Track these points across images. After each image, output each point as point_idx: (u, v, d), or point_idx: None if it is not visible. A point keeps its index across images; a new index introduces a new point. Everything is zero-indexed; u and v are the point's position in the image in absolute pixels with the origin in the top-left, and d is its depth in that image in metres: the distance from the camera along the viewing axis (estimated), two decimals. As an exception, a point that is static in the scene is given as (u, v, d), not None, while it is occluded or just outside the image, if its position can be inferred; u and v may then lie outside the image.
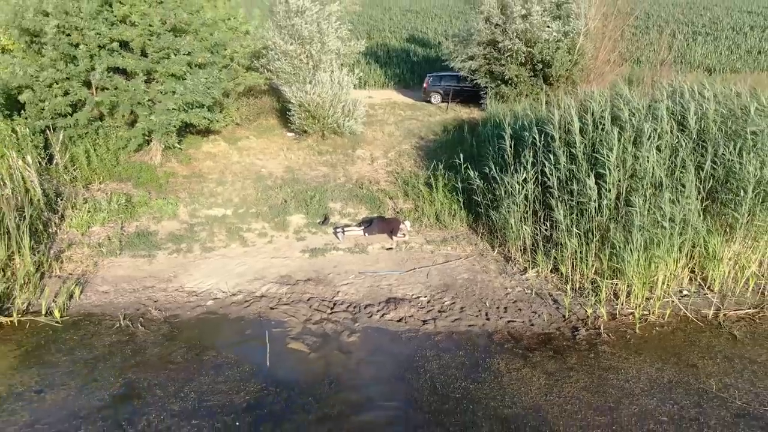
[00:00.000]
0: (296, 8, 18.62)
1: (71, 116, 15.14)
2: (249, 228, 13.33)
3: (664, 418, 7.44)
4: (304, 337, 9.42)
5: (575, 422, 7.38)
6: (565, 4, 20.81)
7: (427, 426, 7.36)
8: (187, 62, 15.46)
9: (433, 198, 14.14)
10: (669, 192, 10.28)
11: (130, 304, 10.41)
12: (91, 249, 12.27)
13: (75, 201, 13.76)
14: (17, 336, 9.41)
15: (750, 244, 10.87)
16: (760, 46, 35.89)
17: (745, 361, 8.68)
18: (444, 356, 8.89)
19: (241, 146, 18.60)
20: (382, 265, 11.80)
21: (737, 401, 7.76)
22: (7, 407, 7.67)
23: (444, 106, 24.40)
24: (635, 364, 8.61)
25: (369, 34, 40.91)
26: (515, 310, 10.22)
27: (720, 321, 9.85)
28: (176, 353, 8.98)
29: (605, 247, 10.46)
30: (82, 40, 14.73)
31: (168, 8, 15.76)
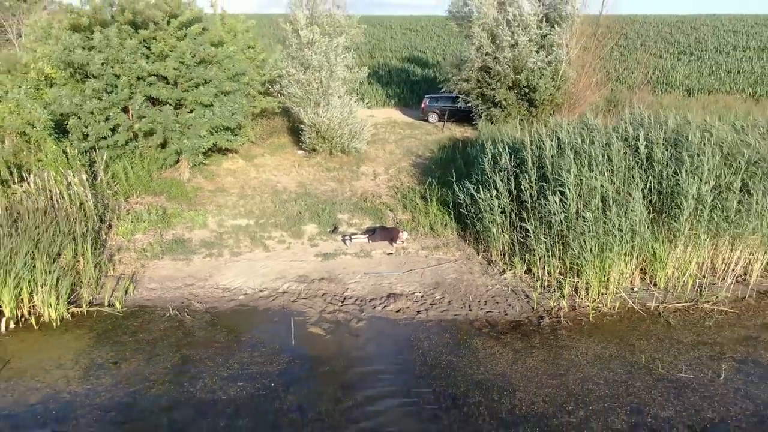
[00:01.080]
0: (307, 41, 21.09)
1: (111, 138, 17.55)
2: (269, 236, 15.68)
3: (600, 381, 9.73)
4: (320, 323, 11.74)
5: (532, 384, 9.67)
6: (549, 35, 23.26)
7: (419, 387, 9.64)
8: (214, 92, 17.95)
9: (427, 210, 16.51)
10: (621, 206, 12.64)
11: (175, 298, 12.75)
12: (137, 253, 14.63)
13: (119, 212, 16.17)
14: (88, 323, 11.74)
15: (690, 250, 13.19)
16: (740, 66, 38.23)
17: (672, 342, 10.98)
18: (433, 338, 11.20)
19: (258, 163, 21.04)
20: (384, 267, 14.14)
21: (660, 369, 10.05)
22: (93, 374, 9.97)
23: (440, 125, 26.87)
24: (585, 344, 10.91)
25: (371, 53, 43.48)
26: (493, 303, 12.54)
27: (660, 312, 12.16)
28: (218, 336, 11.30)
29: (567, 251, 12.80)
30: (123, 72, 17.17)
31: (197, 43, 18.26)
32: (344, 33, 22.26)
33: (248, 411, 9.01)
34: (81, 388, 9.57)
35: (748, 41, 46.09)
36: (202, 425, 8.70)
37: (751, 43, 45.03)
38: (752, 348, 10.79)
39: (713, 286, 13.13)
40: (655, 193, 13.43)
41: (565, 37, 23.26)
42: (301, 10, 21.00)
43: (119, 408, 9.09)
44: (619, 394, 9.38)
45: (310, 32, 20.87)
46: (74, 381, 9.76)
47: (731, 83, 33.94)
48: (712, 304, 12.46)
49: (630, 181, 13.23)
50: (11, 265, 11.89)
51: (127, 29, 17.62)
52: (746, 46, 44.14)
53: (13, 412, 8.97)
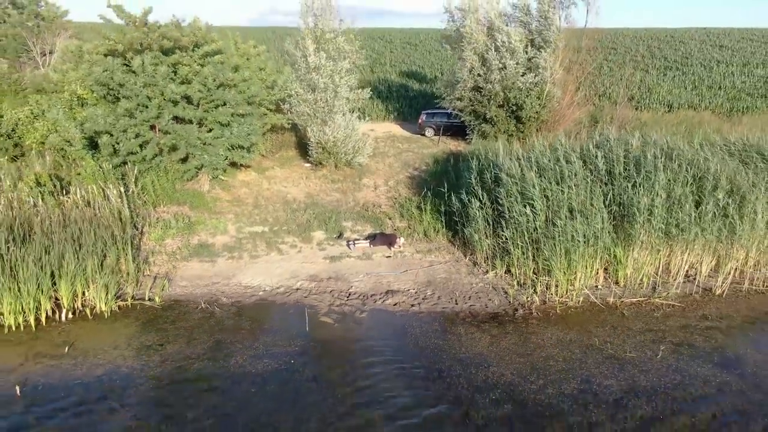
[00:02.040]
0: (314, 65, 23.48)
1: (140, 153, 19.90)
2: (283, 241, 18.00)
3: (559, 359, 12.01)
4: (330, 314, 14.04)
5: (504, 361, 11.95)
6: (534, 58, 25.65)
7: (411, 362, 11.92)
8: (231, 113, 20.36)
9: (422, 218, 18.84)
10: (585, 216, 14.97)
11: (205, 294, 15.06)
12: (168, 256, 16.95)
13: (149, 220, 18.51)
14: (133, 314, 14.05)
15: (646, 252, 15.50)
16: (722, 81, 40.57)
17: (624, 329, 13.28)
18: (424, 326, 13.50)
19: (269, 175, 23.40)
20: (383, 268, 16.45)
21: (609, 350, 12.34)
22: (144, 353, 12.26)
23: (436, 139, 29.26)
24: (550, 331, 13.21)
25: (372, 68, 45.89)
26: (476, 298, 14.84)
27: (617, 306, 14.46)
28: (244, 324, 13.60)
29: (540, 254, 15.10)
30: (154, 94, 19.55)
31: (218, 69, 20.68)
32: (347, 58, 24.65)
33: (273, 381, 11.30)
34: (136, 363, 11.87)
35: (732, 56, 48.56)
36: (237, 391, 10.98)
37: (735, 59, 47.48)
38: (689, 334, 13.08)
39: (666, 284, 15.43)
40: (615, 204, 15.76)
41: (550, 60, 25.64)
42: (310, 38, 23.33)
43: (169, 378, 11.38)
44: (573, 369, 11.67)
45: (317, 58, 23.27)
46: (129, 358, 12.06)
47: (711, 99, 36.23)
48: (662, 299, 14.76)
49: (593, 194, 15.56)
50: (66, 265, 14.20)
51: (158, 56, 20.04)
52: (730, 62, 46.56)
53: (84, 381, 11.26)
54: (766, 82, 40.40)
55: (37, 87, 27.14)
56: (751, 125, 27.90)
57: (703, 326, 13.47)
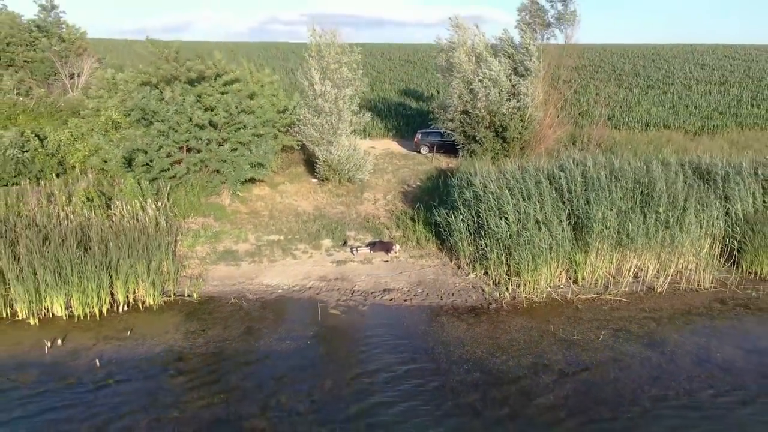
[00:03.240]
0: (320, 92, 26.93)
1: (171, 170, 23.28)
2: (296, 248, 21.36)
3: (521, 341, 15.32)
4: (337, 307, 17.38)
5: (477, 343, 15.25)
6: (517, 85, 29.12)
7: (403, 345, 15.21)
8: (252, 134, 23.83)
9: (415, 228, 22.19)
10: (549, 227, 18.32)
11: (233, 291, 18.39)
12: (199, 260, 20.31)
13: (180, 230, 21.87)
14: (177, 307, 17.38)
15: (600, 257, 18.83)
16: (698, 100, 44.02)
17: (576, 319, 16.60)
18: (414, 317, 16.83)
19: (281, 190, 26.80)
20: (381, 271, 19.80)
21: (561, 335, 15.66)
22: (190, 336, 15.58)
23: (430, 156, 32.70)
24: (516, 320, 16.54)
25: (372, 86, 49.37)
26: (458, 295, 18.17)
27: (573, 301, 17.79)
28: (268, 315, 16.93)
29: (511, 259, 18.44)
30: (183, 119, 22.97)
31: (238, 96, 24.18)
32: (350, 85, 28.11)
33: (294, 357, 14.63)
34: (185, 344, 15.20)
35: (711, 75, 52.14)
36: (266, 363, 14.30)
37: (714, 77, 51.04)
38: (628, 323, 16.41)
39: (617, 283, 18.76)
40: (575, 217, 19.13)
41: (531, 87, 29.10)
42: (316, 69, 26.79)
43: (213, 354, 14.70)
44: (530, 348, 14.99)
45: (322, 86, 26.74)
46: (179, 340, 15.39)
47: (685, 118, 39.63)
48: (612, 296, 18.10)
49: (556, 209, 18.94)
50: (121, 267, 17.56)
51: (186, 87, 23.54)
52: (709, 80, 50.13)
53: (147, 356, 14.58)
54: (739, 101, 43.90)
55: (73, 110, 30.70)
56: (712, 145, 31.33)
57: (640, 317, 16.79)
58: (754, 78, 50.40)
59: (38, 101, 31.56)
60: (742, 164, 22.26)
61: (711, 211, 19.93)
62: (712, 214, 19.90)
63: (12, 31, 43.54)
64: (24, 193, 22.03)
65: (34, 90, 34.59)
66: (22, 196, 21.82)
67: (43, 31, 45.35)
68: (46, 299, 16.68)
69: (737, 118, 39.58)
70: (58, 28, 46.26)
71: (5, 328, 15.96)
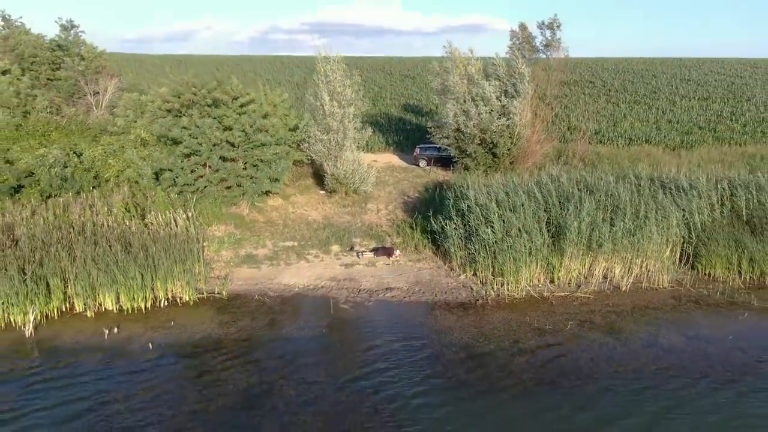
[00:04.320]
0: (329, 112, 30.22)
1: (194, 185, 26.52)
2: (308, 252, 24.54)
3: (501, 329, 18.48)
4: (346, 303, 20.55)
5: (464, 331, 18.40)
6: (507, 105, 32.41)
7: (402, 333, 18.36)
8: (271, 152, 27.08)
9: (413, 236, 25.38)
10: (529, 234, 21.51)
11: (256, 290, 21.56)
12: (224, 263, 23.49)
13: (206, 236, 25.05)
14: (209, 303, 20.55)
15: (574, 260, 22.00)
16: (681, 116, 47.35)
17: (550, 312, 19.75)
18: (411, 311, 20.00)
19: (292, 201, 30.03)
20: (384, 272, 22.97)
21: (536, 325, 18.81)
22: (223, 325, 18.74)
23: (428, 169, 35.96)
24: (498, 314, 19.69)
25: (374, 101, 52.75)
26: (450, 293, 21.34)
27: (549, 298, 20.95)
28: (288, 309, 20.10)
29: (496, 262, 21.61)
30: (204, 141, 26.21)
31: (253, 117, 27.47)
32: (353, 104, 31.40)
33: (312, 342, 17.79)
34: (221, 332, 18.36)
35: (696, 90, 55.53)
36: (289, 347, 17.44)
37: (698, 93, 54.43)
38: (593, 315, 19.57)
39: (588, 282, 21.93)
40: (553, 226, 22.33)
41: (519, 107, 32.38)
42: (325, 91, 30.09)
43: (245, 340, 17.85)
44: (509, 335, 18.14)
45: (331, 106, 30.05)
46: (215, 329, 18.54)
47: (666, 133, 42.91)
48: (583, 293, 21.27)
49: (537, 218, 22.14)
50: (160, 268, 20.71)
51: (206, 110, 26.83)
52: (693, 96, 53.50)
53: (190, 341, 17.72)
54: (719, 116, 47.24)
55: (100, 127, 33.96)
56: (687, 160, 34.62)
57: (604, 311, 19.96)
58: (735, 94, 53.80)
59: (69, 119, 34.81)
60: (699, 179, 25.47)
61: (671, 220, 23.13)
62: (671, 223, 23.09)
63: (36, 51, 47.00)
64: (68, 205, 25.22)
65: (63, 108, 37.80)
66: (67, 207, 25.01)
67: (63, 49, 48.82)
68: (99, 295, 19.84)
69: (715, 132, 42.83)
70: (77, 47, 49.72)
71: (67, 320, 19.13)
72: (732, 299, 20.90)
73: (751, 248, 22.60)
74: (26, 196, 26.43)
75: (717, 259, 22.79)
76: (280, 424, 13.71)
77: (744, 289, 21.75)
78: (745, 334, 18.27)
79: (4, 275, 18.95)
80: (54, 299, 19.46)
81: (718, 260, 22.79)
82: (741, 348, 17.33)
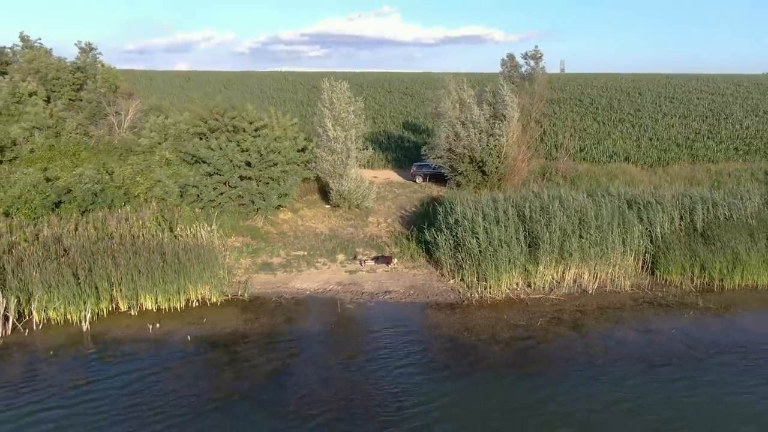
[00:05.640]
0: (333, 136, 34.11)
1: (216, 200, 30.38)
2: (317, 261, 28.34)
3: (481, 324, 22.24)
4: (351, 303, 24.32)
5: (450, 326, 22.16)
6: (495, 127, 36.32)
7: (398, 327, 22.10)
8: (281, 170, 30.99)
9: (409, 246, 29.18)
10: (509, 245, 25.30)
11: (273, 293, 25.33)
12: (244, 270, 27.28)
13: (227, 247, 28.84)
14: (233, 303, 24.32)
15: (548, 267, 25.77)
16: (662, 133, 51.16)
17: (524, 311, 23.51)
18: (407, 310, 23.76)
19: (301, 214, 33.87)
20: (383, 278, 26.74)
21: (512, 321, 22.57)
22: (248, 321, 22.49)
23: (424, 185, 39.84)
24: (480, 312, 23.45)
25: (374, 119, 56.66)
26: (440, 295, 25.11)
27: (524, 299, 24.71)
28: (301, 308, 23.87)
29: (480, 268, 25.38)
30: (226, 161, 30.11)
31: (267, 140, 31.39)
32: (355, 128, 35.28)
33: (322, 335, 21.54)
34: (246, 327, 22.11)
35: (678, 108, 59.48)
36: (304, 338, 21.19)
37: (679, 111, 58.38)
38: (561, 314, 23.31)
39: (559, 286, 25.70)
40: (530, 237, 26.13)
41: (506, 129, 36.27)
42: (329, 118, 33.99)
43: (267, 333, 21.58)
44: (487, 329, 21.89)
45: (335, 131, 33.94)
46: (241, 324, 22.28)
47: (647, 149, 46.74)
48: (554, 295, 25.03)
49: (516, 230, 25.95)
50: (190, 273, 24.48)
51: (228, 135, 30.76)
52: (674, 114, 57.44)
53: (221, 333, 21.46)
54: (697, 134, 51.10)
55: (125, 147, 37.86)
56: (660, 177, 38.50)
57: (571, 310, 23.72)
58: (714, 111, 57.78)
59: (97, 140, 38.73)
60: (664, 195, 29.31)
61: (634, 232, 26.94)
62: (634, 234, 26.90)
63: (59, 74, 51.04)
64: (105, 219, 29.02)
65: (90, 129, 41.67)
66: (104, 221, 28.80)
67: (82, 71, 52.89)
68: (140, 297, 23.59)
69: (691, 150, 46.66)
70: (95, 69, 53.79)
71: (114, 318, 22.89)
72: (682, 300, 24.69)
73: (702, 256, 26.38)
74: (65, 210, 30.21)
75: (673, 265, 26.56)
76: (300, 396, 17.43)
77: (694, 292, 25.53)
78: (686, 328, 22.04)
79: (62, 279, 22.73)
80: (103, 300, 23.23)
81: (674, 267, 26.55)
82: (680, 340, 21.09)
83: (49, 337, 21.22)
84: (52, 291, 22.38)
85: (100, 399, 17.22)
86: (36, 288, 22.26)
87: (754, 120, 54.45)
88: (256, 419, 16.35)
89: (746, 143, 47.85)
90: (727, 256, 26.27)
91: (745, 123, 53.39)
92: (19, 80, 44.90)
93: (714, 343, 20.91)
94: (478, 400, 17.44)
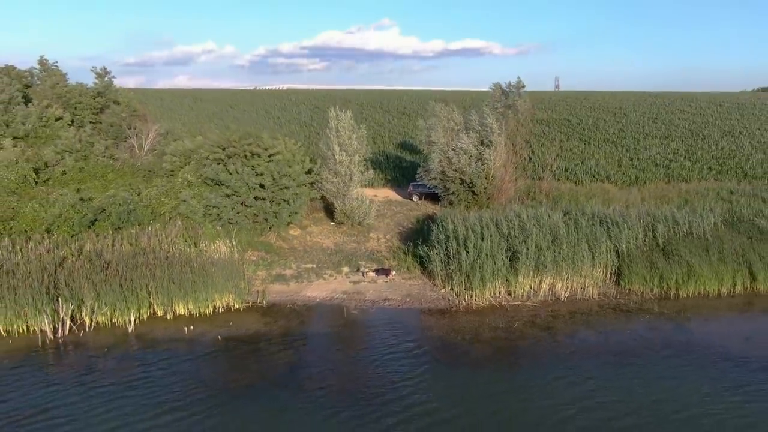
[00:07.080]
0: (338, 161, 38.53)
1: (234, 218, 34.70)
2: (325, 272, 32.61)
3: (466, 326, 26.48)
4: (355, 309, 28.57)
5: (440, 328, 26.40)
6: (483, 152, 40.76)
7: (396, 329, 26.33)
8: (292, 192, 35.38)
9: (406, 259, 33.48)
10: (493, 258, 29.60)
11: (288, 300, 29.57)
12: (261, 281, 31.54)
13: (244, 260, 33.11)
14: (254, 309, 28.56)
15: (526, 277, 30.05)
16: (642, 153, 55.52)
17: (504, 316, 27.76)
18: (403, 315, 28.01)
19: (308, 231, 38.22)
20: (383, 287, 31.00)
21: (492, 324, 26.81)
22: (267, 324, 26.71)
23: (420, 203, 44.23)
24: (466, 317, 27.70)
25: (373, 139, 61.08)
26: (432, 302, 29.37)
27: (504, 305, 28.97)
28: (312, 314, 28.12)
29: (468, 279, 29.65)
30: (242, 183, 34.49)
31: (279, 165, 35.80)
32: (358, 153, 39.71)
33: (331, 336, 25.79)
34: (267, 328, 26.32)
35: (659, 128, 64.01)
36: (315, 339, 25.42)
37: (661, 131, 62.91)
38: (536, 318, 27.56)
39: (536, 294, 29.96)
40: (510, 251, 30.44)
41: (493, 154, 40.71)
42: (336, 142, 38.42)
43: (282, 334, 25.80)
44: (471, 330, 26.11)
45: (340, 156, 38.37)
46: (261, 327, 26.49)
47: (626, 169, 51.11)
48: (531, 302, 29.29)
49: (499, 245, 30.25)
50: (215, 283, 28.71)
51: (244, 161, 35.18)
52: (656, 134, 61.95)
53: (245, 334, 25.66)
54: (676, 153, 55.55)
55: (147, 169, 42.22)
56: (635, 196, 42.90)
57: (545, 315, 27.98)
58: (693, 132, 62.35)
59: (122, 163, 43.11)
60: (630, 214, 33.69)
61: (602, 247, 31.25)
62: (602, 249, 31.22)
63: (81, 98, 55.60)
64: (137, 235, 33.29)
65: (114, 152, 46.04)
66: (137, 237, 33.07)
67: (102, 95, 57.47)
68: (175, 303, 27.81)
69: (668, 170, 51.06)
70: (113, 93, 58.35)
71: (152, 321, 27.10)
72: (641, 307, 28.98)
73: (661, 268, 30.70)
74: (100, 228, 34.50)
75: (636, 276, 30.86)
76: (314, 382, 21.62)
77: (653, 299, 29.83)
78: (639, 329, 26.34)
79: (109, 288, 26.98)
80: (142, 306, 27.45)
81: (637, 277, 30.85)
82: (633, 338, 25.38)
83: (100, 337, 25.43)
84: (100, 298, 26.62)
85: (154, 385, 21.40)
86: (87, 296, 26.51)
87: (730, 140, 58.93)
88: (279, 400, 20.54)
89: (719, 163, 52.25)
90: (682, 268, 30.60)
91: (721, 144, 57.85)
92: (45, 106, 49.43)
93: (664, 342, 25.15)
94: (462, 387, 21.63)
